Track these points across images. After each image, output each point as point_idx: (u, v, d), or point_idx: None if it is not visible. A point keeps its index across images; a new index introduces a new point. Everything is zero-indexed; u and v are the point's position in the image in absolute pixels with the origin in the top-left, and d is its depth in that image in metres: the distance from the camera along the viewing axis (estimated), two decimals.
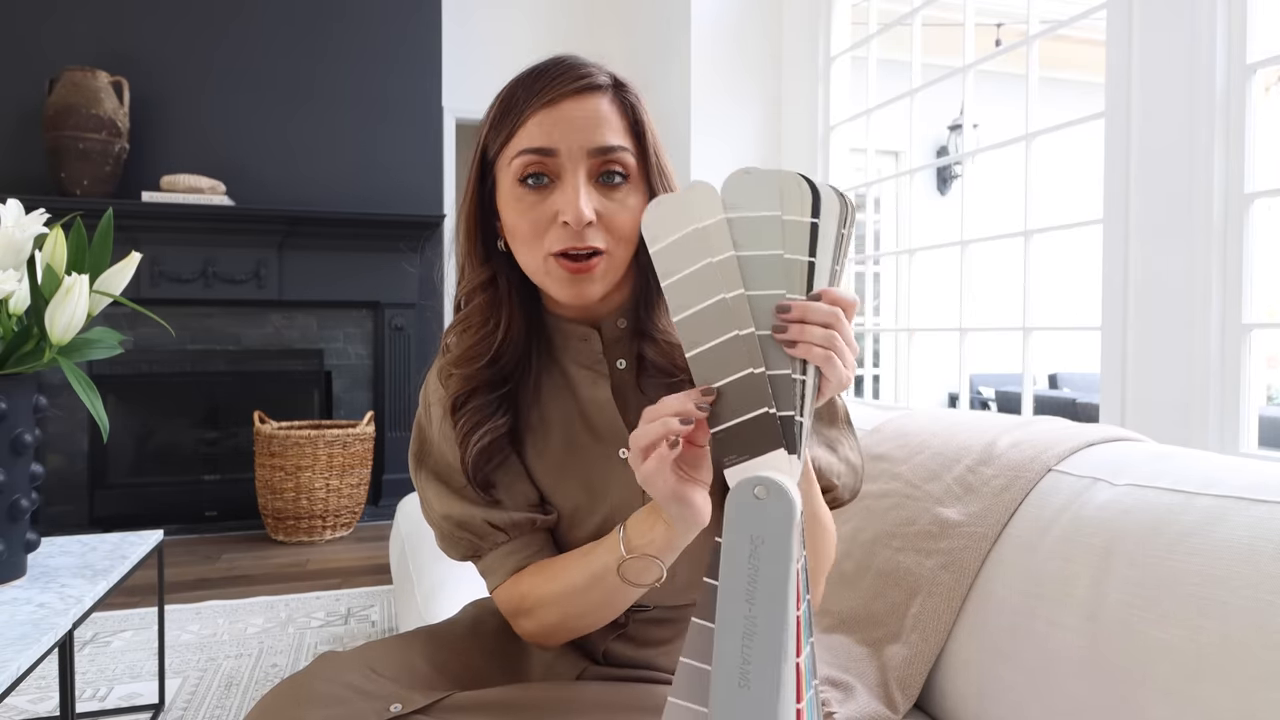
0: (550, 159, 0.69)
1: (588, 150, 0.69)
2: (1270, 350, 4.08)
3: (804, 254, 0.56)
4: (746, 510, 0.53)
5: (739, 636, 0.52)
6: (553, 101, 0.69)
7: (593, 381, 0.78)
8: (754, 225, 0.57)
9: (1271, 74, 1.95)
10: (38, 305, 1.12)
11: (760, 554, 0.52)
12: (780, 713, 0.51)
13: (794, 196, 0.56)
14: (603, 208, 0.69)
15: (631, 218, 0.70)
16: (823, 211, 0.56)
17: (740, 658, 0.51)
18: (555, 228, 0.69)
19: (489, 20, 3.99)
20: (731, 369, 0.57)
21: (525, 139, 0.69)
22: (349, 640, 2.08)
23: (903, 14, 2.90)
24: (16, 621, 1.04)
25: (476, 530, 0.75)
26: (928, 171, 5.69)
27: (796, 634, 0.52)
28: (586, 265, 0.69)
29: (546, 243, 0.69)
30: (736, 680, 0.51)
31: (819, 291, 0.56)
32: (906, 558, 1.02)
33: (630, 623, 0.78)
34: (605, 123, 0.70)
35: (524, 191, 0.70)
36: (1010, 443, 1.02)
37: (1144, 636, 0.73)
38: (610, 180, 0.70)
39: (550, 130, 0.68)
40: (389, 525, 3.19)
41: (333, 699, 0.65)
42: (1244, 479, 0.77)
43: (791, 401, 0.57)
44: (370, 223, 3.47)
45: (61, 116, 3.04)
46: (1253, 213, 1.68)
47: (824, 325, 0.55)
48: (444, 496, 0.76)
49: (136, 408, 3.42)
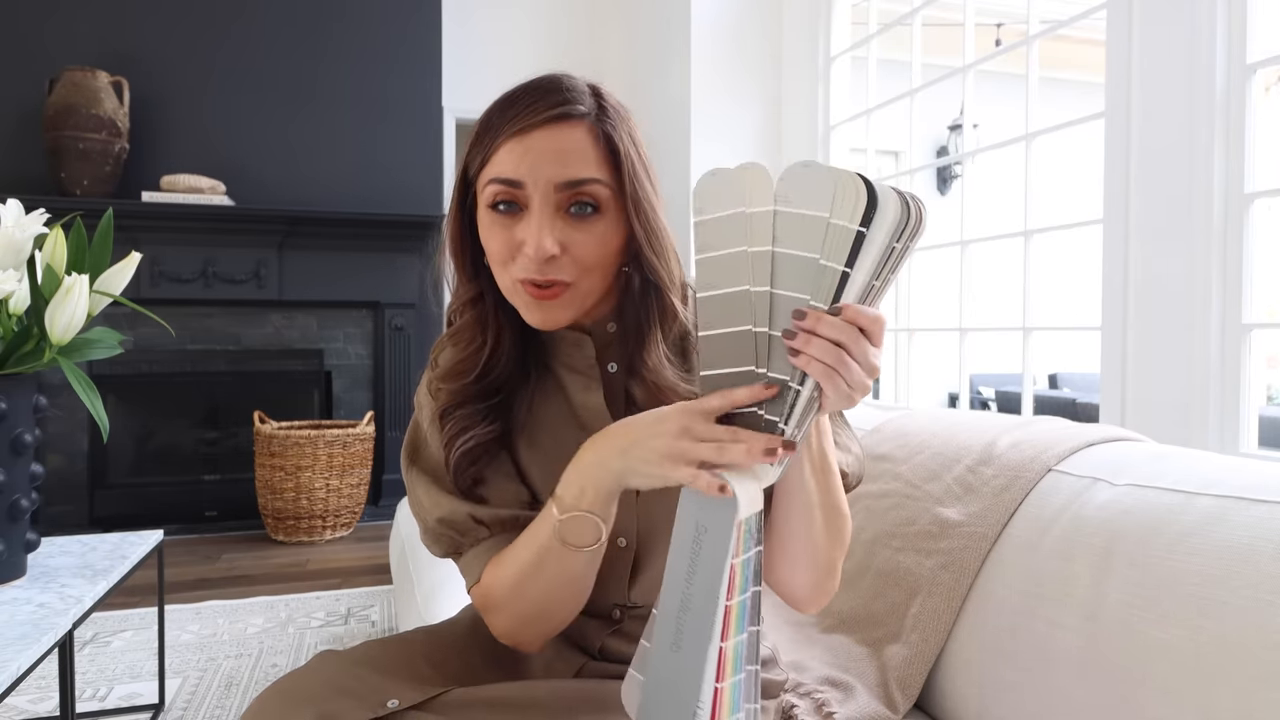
0: (518, 190, 0.68)
1: (555, 184, 0.67)
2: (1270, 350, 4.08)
3: (840, 263, 0.53)
4: (697, 501, 0.58)
5: (676, 608, 0.58)
6: (523, 131, 0.68)
7: (585, 386, 0.78)
8: (799, 222, 0.54)
9: (1271, 74, 1.95)
10: (38, 305, 1.12)
11: (702, 541, 0.57)
12: (703, 680, 0.56)
13: (847, 200, 0.52)
14: (569, 240, 0.68)
15: (601, 248, 0.69)
16: (875, 221, 0.52)
17: (675, 626, 0.57)
18: (521, 256, 0.68)
19: (489, 20, 3.99)
20: (734, 361, 0.58)
21: (496, 167, 0.69)
22: (349, 640, 2.08)
23: (903, 14, 2.90)
24: (16, 621, 1.04)
25: (459, 526, 0.75)
26: (928, 171, 5.69)
27: (725, 620, 0.56)
28: (549, 293, 0.69)
29: (513, 269, 0.69)
30: (670, 644, 0.58)
31: (840, 305, 0.54)
32: (906, 558, 1.02)
33: (625, 619, 0.78)
34: (576, 155, 0.68)
35: (495, 216, 0.70)
36: (1010, 443, 1.02)
37: (1144, 636, 0.73)
38: (582, 211, 0.69)
39: (519, 161, 0.67)
40: (389, 525, 3.19)
41: (329, 695, 0.65)
42: (1244, 479, 0.77)
43: (780, 409, 0.57)
44: (370, 223, 3.46)
45: (61, 116, 3.04)
46: (1253, 213, 1.68)
47: (834, 341, 0.53)
48: (432, 493, 0.76)
49: (136, 408, 3.42)
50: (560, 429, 0.78)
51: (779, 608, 1.09)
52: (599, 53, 4.10)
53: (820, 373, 0.54)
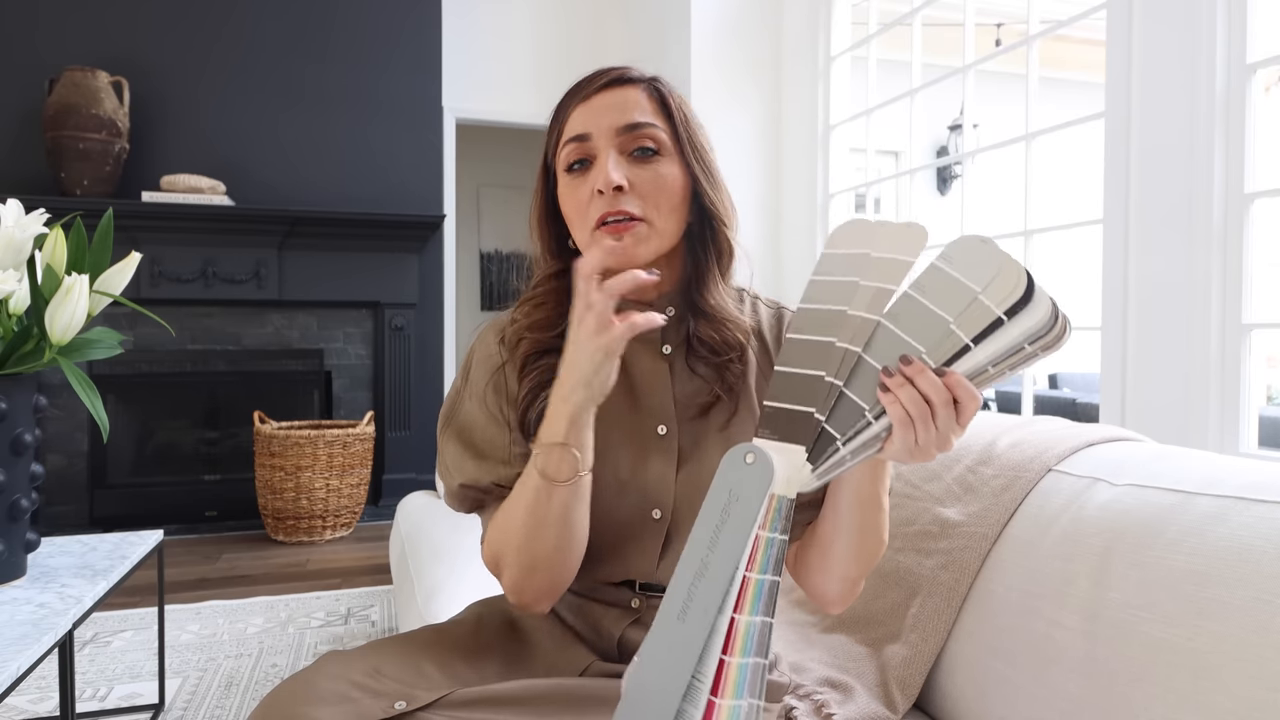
0: (586, 143, 0.76)
1: (616, 128, 0.75)
2: (1270, 350, 4.08)
3: (968, 335, 0.55)
4: (734, 468, 0.59)
5: (692, 574, 0.57)
6: (587, 96, 0.77)
7: (641, 359, 0.81)
8: (949, 284, 0.56)
9: (1271, 74, 1.95)
10: (38, 305, 1.12)
11: (731, 509, 0.58)
12: (707, 653, 0.56)
13: (1003, 287, 0.54)
14: (635, 177, 0.75)
15: (667, 186, 0.76)
16: (1019, 316, 0.54)
17: (686, 594, 0.57)
18: (594, 200, 0.75)
19: (489, 20, 3.99)
20: (810, 363, 0.60)
21: (566, 132, 0.78)
22: (349, 640, 2.08)
23: (903, 14, 2.90)
24: (16, 621, 1.04)
25: (482, 488, 0.80)
26: (928, 171, 5.69)
27: (742, 592, 0.57)
28: (623, 227, 0.74)
29: (589, 217, 0.75)
30: (677, 613, 0.57)
31: (949, 371, 0.56)
32: (906, 558, 1.02)
33: (645, 609, 0.79)
34: (634, 105, 0.77)
35: (570, 178, 0.78)
36: (1010, 443, 1.02)
37: (1144, 636, 0.73)
38: (644, 154, 0.76)
39: (585, 119, 0.76)
40: (389, 525, 3.19)
41: (338, 696, 0.66)
42: (1244, 479, 0.77)
43: (844, 427, 0.59)
44: (370, 223, 3.46)
45: (61, 116, 3.04)
46: (1253, 213, 1.68)
47: (925, 396, 0.55)
48: (460, 458, 0.81)
49: (136, 408, 3.42)
50: (614, 394, 0.79)
51: (779, 608, 1.09)
52: (599, 53, 4.10)
53: (898, 418, 0.56)
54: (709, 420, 0.79)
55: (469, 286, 5.93)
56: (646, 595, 0.80)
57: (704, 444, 0.78)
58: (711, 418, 0.79)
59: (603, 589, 0.81)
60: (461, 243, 5.29)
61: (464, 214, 5.66)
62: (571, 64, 4.07)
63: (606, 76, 0.78)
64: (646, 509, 0.77)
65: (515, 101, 4.03)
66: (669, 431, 0.79)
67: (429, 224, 3.56)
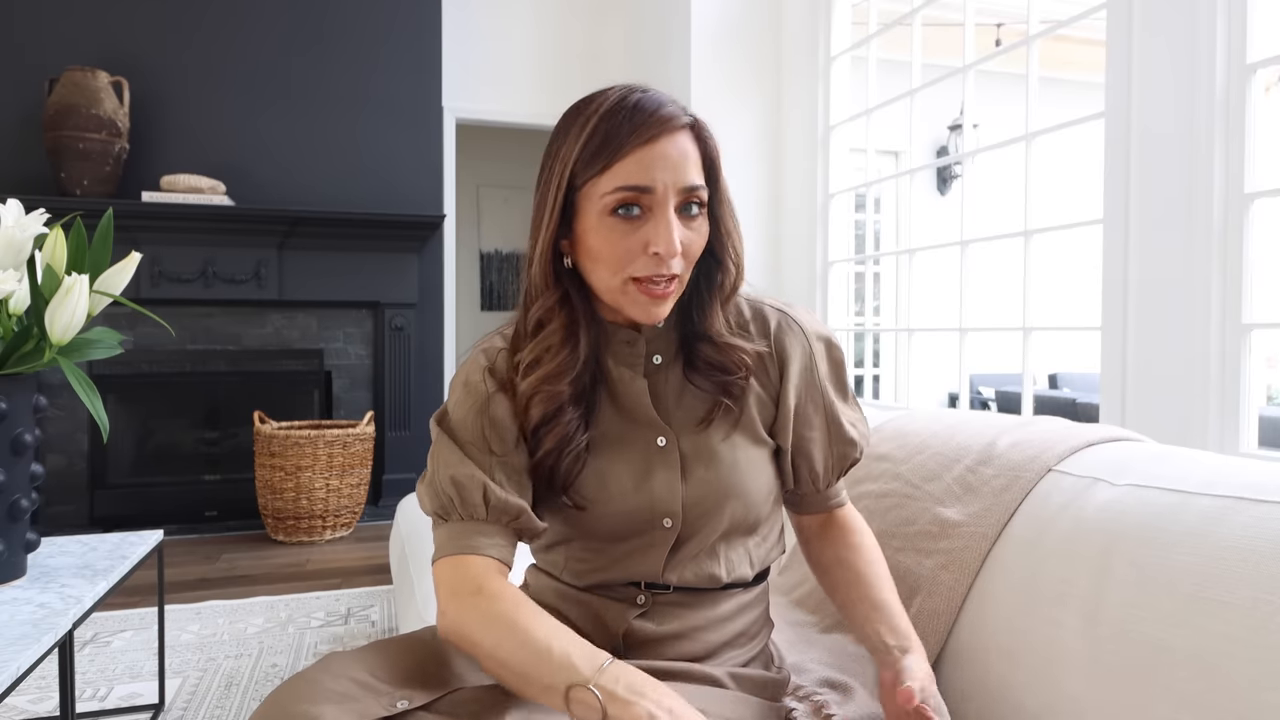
0: (646, 195, 0.73)
1: (678, 189, 0.73)
2: (1270, 350, 4.08)
3: None
4: None
5: None
6: (652, 139, 0.73)
7: (631, 377, 0.82)
8: None
9: (1271, 74, 1.95)
10: (38, 305, 1.12)
11: None
12: None
13: None
14: (684, 238, 0.75)
15: (700, 243, 0.77)
16: None
17: None
18: (644, 257, 0.73)
19: (489, 20, 3.99)
20: None
21: (624, 175, 0.72)
22: (349, 640, 2.08)
23: (903, 14, 2.90)
24: (16, 621, 1.04)
25: (464, 491, 0.75)
26: (928, 171, 5.69)
27: None
28: (665, 292, 0.75)
29: (630, 269, 0.74)
30: None
31: None
32: (906, 557, 1.02)
33: (652, 604, 0.80)
34: (691, 161, 0.75)
35: (616, 221, 0.74)
36: (1010, 443, 1.02)
37: (1144, 636, 0.73)
38: (689, 211, 0.75)
39: (649, 167, 0.72)
40: (389, 525, 3.19)
41: (341, 694, 0.66)
42: (1244, 479, 0.77)
43: None
44: (370, 223, 3.46)
45: (61, 116, 3.04)
46: (1253, 213, 1.68)
47: None
48: (455, 453, 0.77)
49: (136, 408, 3.42)
50: (603, 409, 0.82)
51: (779, 607, 1.09)
52: (599, 53, 4.10)
53: None
54: (711, 428, 0.81)
55: (469, 286, 5.93)
56: (654, 593, 0.80)
57: (708, 450, 0.80)
58: (714, 425, 0.81)
59: (608, 587, 0.81)
60: (461, 243, 5.30)
61: (464, 214, 5.66)
62: (571, 64, 4.08)
63: (667, 116, 0.74)
64: (656, 519, 0.78)
65: (515, 101, 4.03)
66: (669, 442, 0.80)
67: (429, 224, 3.56)
